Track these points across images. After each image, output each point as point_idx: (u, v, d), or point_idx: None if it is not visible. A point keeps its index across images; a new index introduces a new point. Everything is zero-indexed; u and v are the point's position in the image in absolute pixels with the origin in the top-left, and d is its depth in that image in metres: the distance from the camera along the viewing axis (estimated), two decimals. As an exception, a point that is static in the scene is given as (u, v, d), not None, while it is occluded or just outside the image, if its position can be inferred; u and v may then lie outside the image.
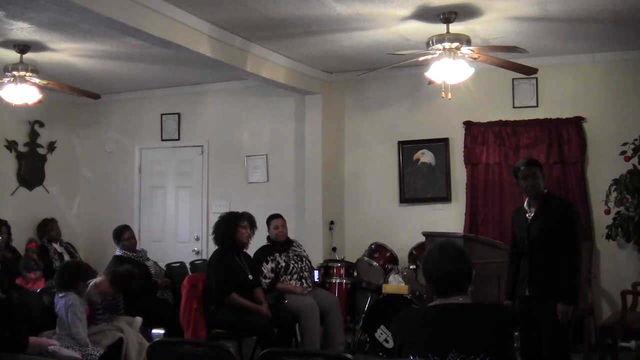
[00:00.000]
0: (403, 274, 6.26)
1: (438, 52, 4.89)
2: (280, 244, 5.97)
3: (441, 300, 2.53)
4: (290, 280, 5.82)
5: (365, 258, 6.40)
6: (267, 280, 5.74)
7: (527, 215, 4.12)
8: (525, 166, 4.10)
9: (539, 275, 4.01)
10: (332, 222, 7.09)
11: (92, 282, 4.55)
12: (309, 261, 6.10)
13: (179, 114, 7.91)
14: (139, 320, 4.67)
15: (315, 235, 6.88)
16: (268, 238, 6.05)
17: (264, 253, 5.88)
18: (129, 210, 8.02)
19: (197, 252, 7.63)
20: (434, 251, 2.60)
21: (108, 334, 4.38)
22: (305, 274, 5.93)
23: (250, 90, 7.44)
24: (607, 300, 6.12)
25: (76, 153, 8.36)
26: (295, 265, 5.89)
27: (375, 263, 6.33)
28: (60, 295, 4.26)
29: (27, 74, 5.58)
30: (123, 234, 6.06)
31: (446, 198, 6.73)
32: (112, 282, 4.55)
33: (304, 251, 6.17)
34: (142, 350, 4.32)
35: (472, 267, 2.58)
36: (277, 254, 5.88)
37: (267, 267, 5.79)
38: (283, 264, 5.84)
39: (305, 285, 5.86)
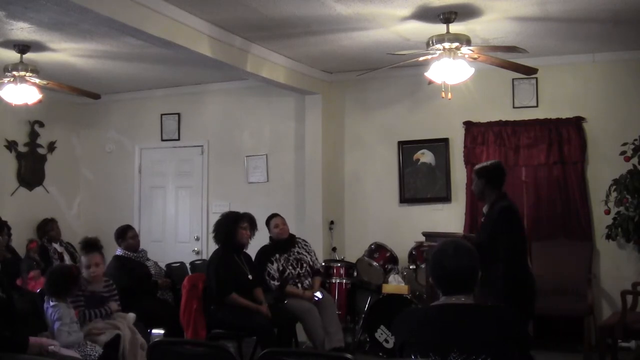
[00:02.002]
0: (403, 274, 6.26)
1: (438, 52, 4.89)
2: (282, 243, 5.90)
3: (444, 299, 2.52)
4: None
5: (365, 258, 6.40)
6: (276, 282, 5.69)
7: (482, 219, 4.15)
8: None
9: (484, 277, 4.04)
10: (332, 222, 7.08)
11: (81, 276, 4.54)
12: (310, 267, 5.93)
13: (179, 114, 7.91)
14: (131, 315, 4.67)
15: (315, 235, 6.86)
16: (270, 238, 5.99)
17: (265, 254, 5.81)
18: (129, 210, 8.02)
19: (197, 252, 7.63)
20: (448, 248, 2.55)
21: (105, 332, 4.37)
22: (304, 279, 5.82)
23: (250, 90, 7.43)
24: (607, 300, 6.12)
25: (76, 153, 8.35)
26: (292, 271, 5.79)
27: (375, 263, 6.33)
28: (51, 303, 4.19)
29: (27, 74, 5.58)
30: (127, 233, 6.04)
31: (446, 198, 6.73)
32: (84, 249, 4.79)
33: (307, 254, 6.01)
34: (136, 345, 4.33)
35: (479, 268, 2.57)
36: (277, 255, 5.82)
37: (273, 268, 5.72)
38: (280, 268, 5.77)
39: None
